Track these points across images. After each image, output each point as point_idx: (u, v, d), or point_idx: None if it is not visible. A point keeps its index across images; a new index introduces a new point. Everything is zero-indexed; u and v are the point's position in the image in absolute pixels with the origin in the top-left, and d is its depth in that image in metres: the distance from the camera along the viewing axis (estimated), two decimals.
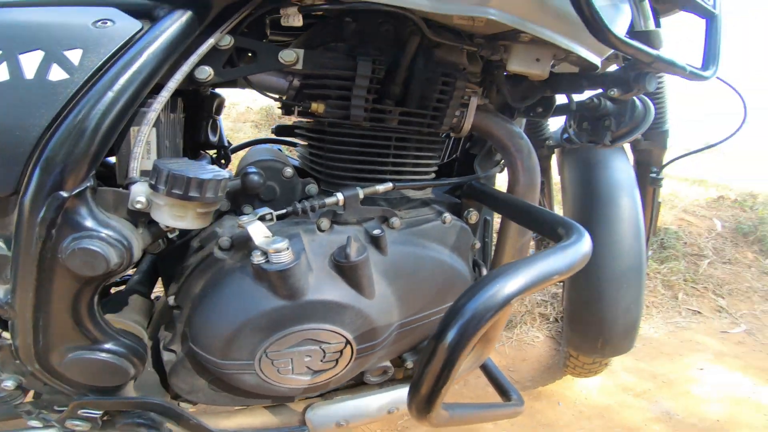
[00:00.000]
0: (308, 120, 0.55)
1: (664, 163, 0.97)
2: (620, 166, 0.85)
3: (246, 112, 3.54)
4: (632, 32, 0.69)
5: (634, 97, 0.55)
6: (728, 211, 2.93)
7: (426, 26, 0.46)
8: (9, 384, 0.44)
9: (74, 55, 0.38)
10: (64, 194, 0.37)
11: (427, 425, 0.43)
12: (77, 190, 0.37)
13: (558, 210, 1.07)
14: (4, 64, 0.37)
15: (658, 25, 0.52)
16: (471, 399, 1.05)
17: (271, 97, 0.53)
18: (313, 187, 0.52)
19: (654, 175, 0.97)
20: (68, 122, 0.37)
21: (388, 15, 0.45)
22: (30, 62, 0.37)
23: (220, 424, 0.50)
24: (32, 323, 0.41)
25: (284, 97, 0.53)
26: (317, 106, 0.48)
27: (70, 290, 0.40)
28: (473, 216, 0.60)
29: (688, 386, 1.26)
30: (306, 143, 0.57)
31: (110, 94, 0.38)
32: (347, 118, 0.50)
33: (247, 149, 0.67)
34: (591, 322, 0.90)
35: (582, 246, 0.44)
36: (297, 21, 0.46)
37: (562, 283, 1.01)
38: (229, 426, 0.50)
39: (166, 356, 0.48)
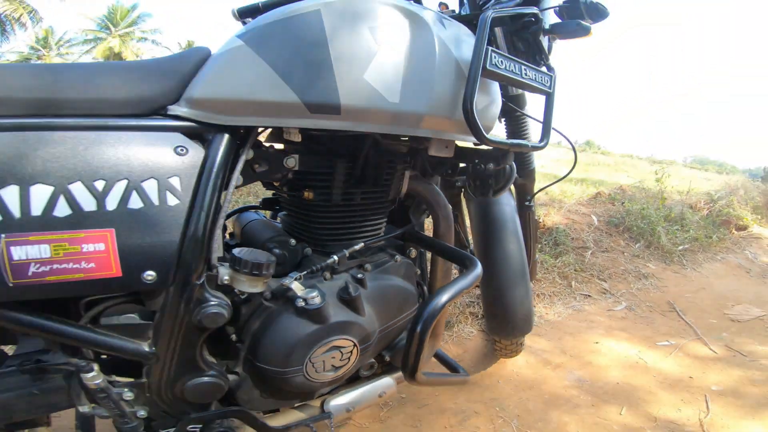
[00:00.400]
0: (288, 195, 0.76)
1: (534, 191, 1.23)
2: (505, 200, 1.11)
3: None
4: (507, 96, 1.00)
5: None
6: (603, 206, 3.45)
7: (381, 136, 0.70)
8: (142, 413, 0.61)
9: (176, 182, 0.51)
10: (197, 282, 0.55)
11: (416, 384, 0.72)
12: (202, 279, 0.55)
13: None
14: (135, 193, 0.49)
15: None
16: (418, 399, 1.24)
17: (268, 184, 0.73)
18: (308, 250, 0.72)
19: (528, 203, 1.22)
20: (190, 235, 0.53)
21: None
22: (151, 190, 0.50)
23: (271, 423, 0.69)
24: (168, 364, 0.58)
25: (279, 185, 0.73)
26: (308, 194, 0.69)
27: (197, 338, 0.58)
28: (413, 252, 0.84)
29: (590, 357, 1.49)
30: (292, 214, 0.78)
31: (204, 210, 0.53)
32: (329, 201, 0.70)
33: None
34: (500, 314, 1.15)
35: (477, 271, 0.73)
36: (297, 137, 0.66)
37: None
38: (277, 423, 0.66)
39: (231, 377, 0.65)
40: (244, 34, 0.55)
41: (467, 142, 0.79)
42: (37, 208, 0.44)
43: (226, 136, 0.55)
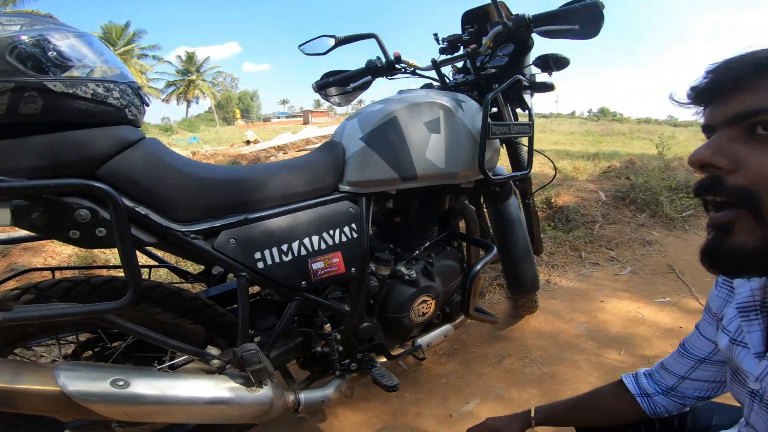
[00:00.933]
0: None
1: (532, 192, 1.62)
2: (511, 201, 1.47)
3: None
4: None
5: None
6: (611, 182, 3.67)
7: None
8: (341, 348, 1.01)
9: (354, 225, 0.94)
10: (368, 272, 0.98)
11: (469, 318, 1.23)
12: (369, 270, 0.99)
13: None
14: (341, 232, 0.92)
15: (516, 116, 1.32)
16: (468, 348, 1.67)
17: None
18: (399, 250, 1.09)
19: (527, 200, 1.60)
20: (363, 250, 0.95)
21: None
22: (346, 230, 0.93)
23: (392, 353, 1.13)
24: (355, 316, 0.98)
25: (380, 215, 1.12)
26: (397, 219, 1.12)
27: (365, 301, 1.00)
28: (455, 243, 1.27)
29: (596, 313, 1.84)
30: (386, 231, 1.18)
31: (365, 236, 0.94)
32: (408, 222, 1.12)
33: None
34: (515, 279, 1.56)
35: (494, 252, 1.21)
36: (393, 192, 1.03)
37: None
38: (394, 353, 1.11)
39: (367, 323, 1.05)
40: (364, 137, 0.96)
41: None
42: (312, 248, 0.88)
43: (365, 198, 0.97)
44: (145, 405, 0.72)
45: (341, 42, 1.29)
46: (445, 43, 1.29)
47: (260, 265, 0.82)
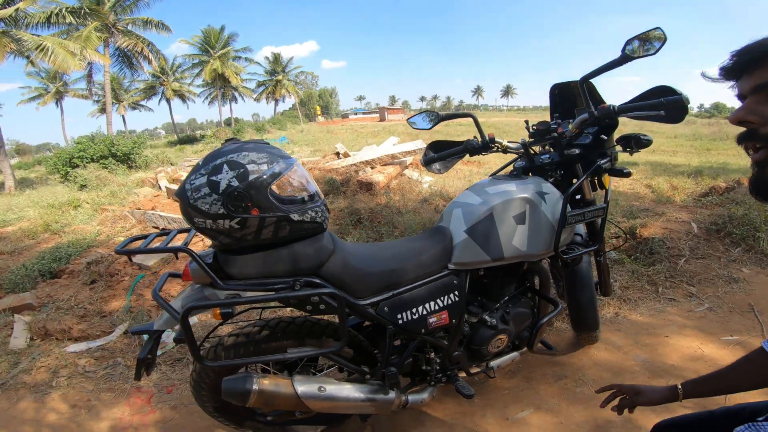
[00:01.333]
0: None
1: (605, 251, 1.73)
2: (584, 259, 1.69)
3: None
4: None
5: None
6: (708, 210, 3.53)
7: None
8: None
9: (456, 294, 1.28)
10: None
11: (532, 352, 1.51)
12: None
13: None
14: (451, 297, 1.27)
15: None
16: (531, 368, 1.92)
17: None
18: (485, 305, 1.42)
19: (599, 258, 1.74)
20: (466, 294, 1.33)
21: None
22: (454, 298, 1.28)
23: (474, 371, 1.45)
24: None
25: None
26: (486, 281, 1.43)
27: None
28: (530, 295, 1.52)
29: (657, 347, 1.94)
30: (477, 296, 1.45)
31: (465, 293, 1.29)
32: (496, 285, 1.45)
33: None
34: (578, 320, 1.81)
35: (558, 308, 1.48)
36: (481, 272, 1.37)
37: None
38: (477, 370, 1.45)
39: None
40: (467, 230, 1.25)
41: None
42: (429, 309, 1.24)
43: (465, 273, 1.30)
44: (329, 401, 1.18)
45: (442, 119, 1.62)
46: (534, 129, 1.47)
47: (400, 321, 1.21)
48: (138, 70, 22.67)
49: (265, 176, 0.96)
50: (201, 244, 3.41)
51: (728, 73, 0.59)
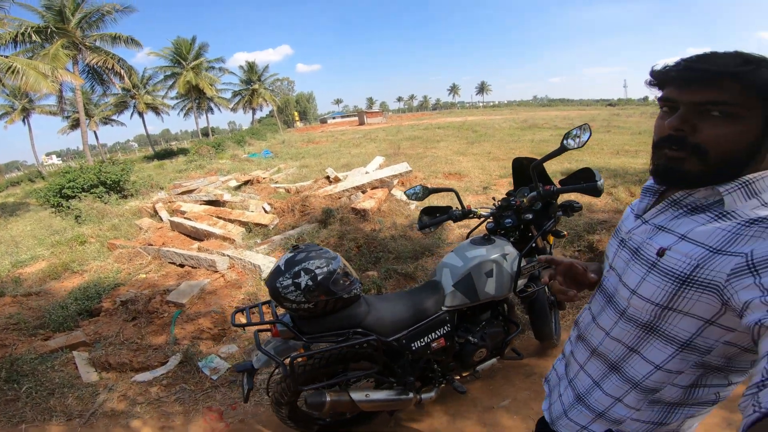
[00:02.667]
0: None
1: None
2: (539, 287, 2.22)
3: None
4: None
5: None
6: None
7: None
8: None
9: (446, 328, 1.83)
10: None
11: (503, 358, 2.14)
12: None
13: None
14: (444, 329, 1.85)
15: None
16: (507, 369, 2.52)
17: None
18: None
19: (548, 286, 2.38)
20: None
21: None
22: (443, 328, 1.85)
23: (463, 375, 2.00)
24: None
25: None
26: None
27: None
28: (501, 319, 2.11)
29: None
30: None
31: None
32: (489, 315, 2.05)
33: None
34: (538, 332, 2.41)
35: (518, 330, 2.08)
36: (465, 308, 1.96)
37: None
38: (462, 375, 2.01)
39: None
40: (454, 284, 1.78)
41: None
42: (432, 338, 1.80)
43: (454, 312, 1.85)
44: (373, 403, 1.73)
45: (431, 191, 2.19)
46: (499, 203, 2.06)
47: (414, 348, 1.74)
48: (110, 85, 22.44)
49: (326, 276, 1.51)
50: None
51: (673, 79, 0.66)
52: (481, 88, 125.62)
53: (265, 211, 6.09)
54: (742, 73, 0.59)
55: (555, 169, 7.43)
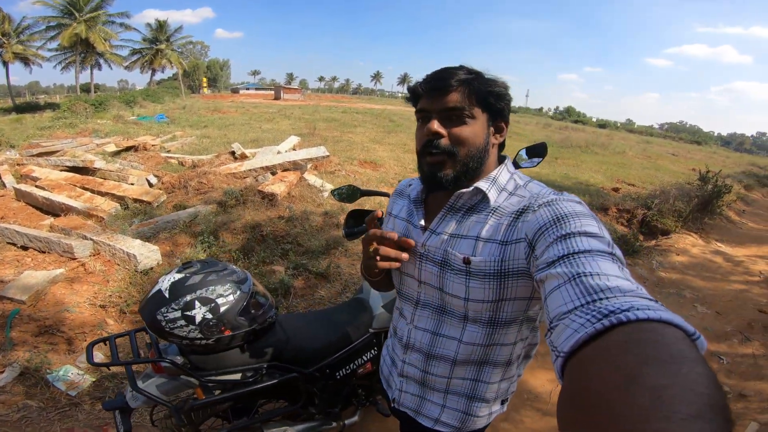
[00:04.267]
0: None
1: None
2: None
3: None
4: None
5: None
6: None
7: None
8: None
9: (374, 351, 1.61)
10: None
11: None
12: None
13: None
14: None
15: None
16: None
17: None
18: None
19: None
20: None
21: None
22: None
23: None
24: None
25: None
26: None
27: None
28: None
29: None
30: None
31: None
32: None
33: None
34: None
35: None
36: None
37: None
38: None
39: None
40: (383, 305, 1.59)
41: None
42: (359, 363, 1.57)
43: (382, 333, 1.60)
44: None
45: (363, 194, 1.82)
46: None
47: (338, 376, 1.52)
48: None
49: (232, 305, 1.17)
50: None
51: (424, 92, 0.77)
52: (404, 80, 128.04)
53: (150, 185, 5.11)
54: (467, 82, 0.73)
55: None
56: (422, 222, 0.85)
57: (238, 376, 1.26)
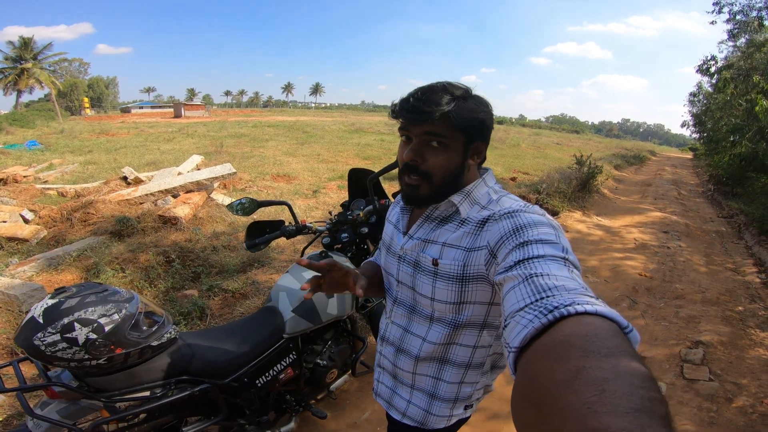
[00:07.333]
0: None
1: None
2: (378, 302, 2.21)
3: None
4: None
5: None
6: None
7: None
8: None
9: (292, 356, 1.61)
10: None
11: (354, 375, 1.96)
12: None
13: None
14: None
15: None
16: (362, 380, 2.40)
17: None
18: None
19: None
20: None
21: None
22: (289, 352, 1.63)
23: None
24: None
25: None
26: None
27: None
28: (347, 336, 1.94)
29: None
30: None
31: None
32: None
33: None
34: None
35: (365, 346, 1.99)
36: (310, 332, 1.70)
37: None
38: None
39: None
40: (293, 309, 1.57)
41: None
42: (279, 370, 1.57)
43: (298, 338, 1.61)
44: None
45: (260, 204, 1.78)
46: (335, 217, 1.85)
47: (259, 384, 1.51)
48: None
49: (119, 324, 1.12)
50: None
51: (409, 113, 0.77)
52: (316, 89, 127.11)
53: (25, 221, 4.43)
54: (448, 112, 0.75)
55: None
56: (404, 228, 0.93)
57: (146, 393, 1.23)
